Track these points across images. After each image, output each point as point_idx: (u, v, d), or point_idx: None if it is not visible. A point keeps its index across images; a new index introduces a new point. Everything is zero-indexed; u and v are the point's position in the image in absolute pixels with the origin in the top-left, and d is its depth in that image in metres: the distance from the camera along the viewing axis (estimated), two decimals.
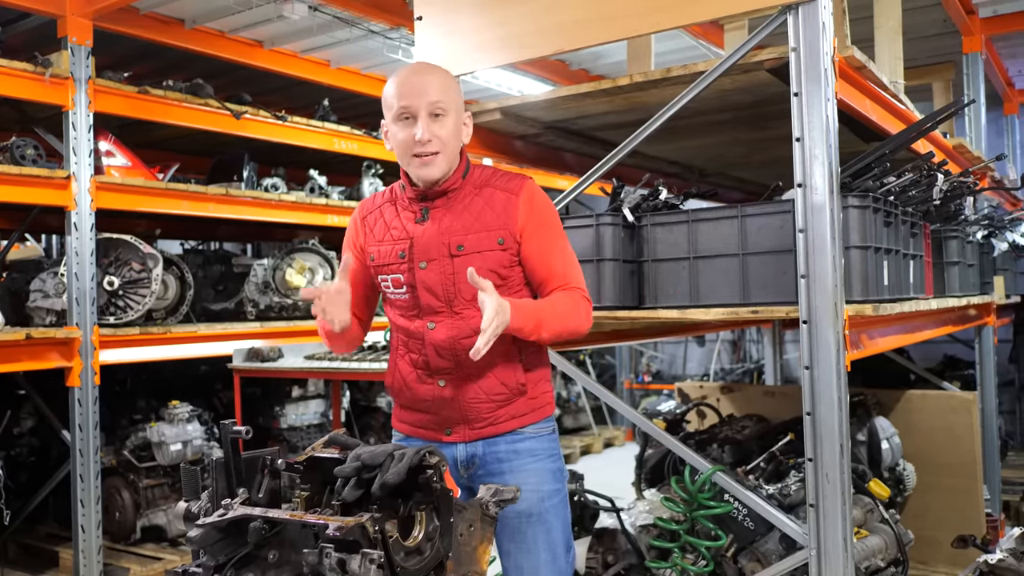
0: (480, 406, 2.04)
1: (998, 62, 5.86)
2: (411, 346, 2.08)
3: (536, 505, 2.05)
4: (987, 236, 4.30)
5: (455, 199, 2.04)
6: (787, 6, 2.26)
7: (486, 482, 2.07)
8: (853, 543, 2.32)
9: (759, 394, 4.41)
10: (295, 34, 4.80)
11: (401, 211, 2.08)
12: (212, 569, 1.64)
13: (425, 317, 2.03)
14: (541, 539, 2.05)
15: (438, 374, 2.05)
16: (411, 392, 2.09)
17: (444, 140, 1.99)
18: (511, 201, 2.02)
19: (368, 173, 5.73)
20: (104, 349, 4.15)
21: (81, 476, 4.05)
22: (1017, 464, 6.11)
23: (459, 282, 1.99)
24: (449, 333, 2.01)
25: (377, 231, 2.10)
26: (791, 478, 3.00)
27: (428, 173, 1.99)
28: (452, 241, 2.00)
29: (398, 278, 2.05)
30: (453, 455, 2.08)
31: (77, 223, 4.04)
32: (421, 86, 1.98)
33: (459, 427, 2.07)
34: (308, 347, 4.97)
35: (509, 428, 2.07)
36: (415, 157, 1.99)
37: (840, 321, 2.25)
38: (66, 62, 3.97)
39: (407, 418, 2.15)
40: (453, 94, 2.03)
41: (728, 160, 4.10)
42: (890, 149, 2.58)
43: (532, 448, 2.08)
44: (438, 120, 1.98)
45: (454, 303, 2.01)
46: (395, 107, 2.00)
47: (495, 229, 2.01)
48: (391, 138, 2.05)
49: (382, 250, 2.08)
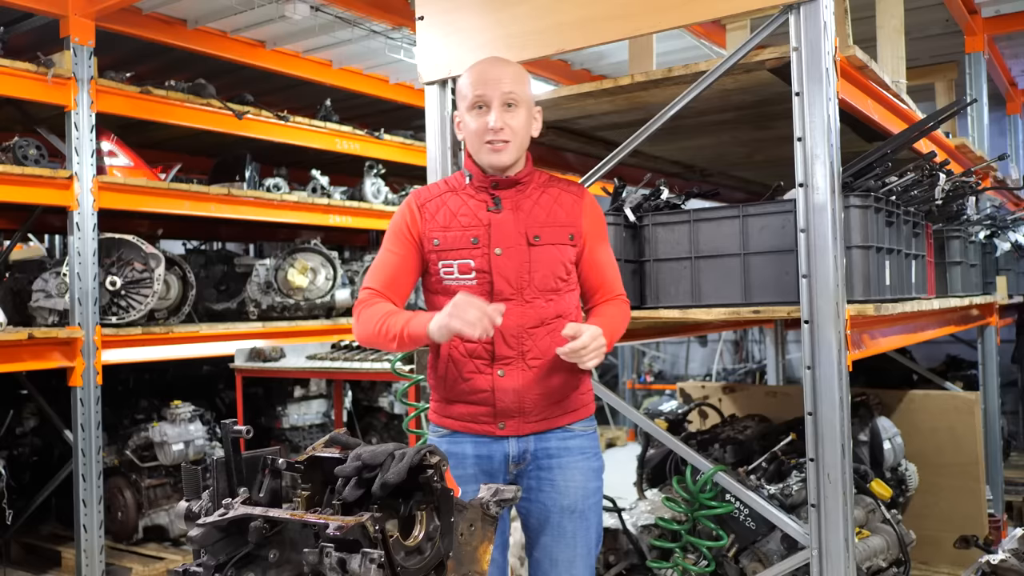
0: (539, 398, 2.07)
1: (1001, 62, 5.85)
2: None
3: (581, 502, 2.11)
4: (989, 236, 4.29)
5: (524, 192, 2.11)
6: (788, 6, 2.26)
7: (536, 479, 2.12)
8: (855, 543, 2.32)
9: (761, 394, 4.40)
10: (297, 34, 4.81)
11: (468, 199, 2.12)
12: (213, 568, 1.64)
13: (494, 303, 2.05)
14: (580, 534, 2.11)
15: (499, 363, 2.06)
16: (466, 383, 2.09)
17: (515, 129, 2.05)
18: (576, 203, 2.13)
19: (370, 173, 5.74)
20: (106, 349, 4.15)
21: (83, 476, 4.06)
22: (1020, 464, 6.10)
23: (533, 271, 2.06)
24: (518, 320, 2.04)
25: (441, 218, 2.11)
26: (793, 478, 3.00)
27: (498, 160, 2.05)
28: (530, 231, 2.07)
29: (468, 263, 2.07)
30: (504, 450, 2.10)
31: (79, 223, 4.04)
32: (496, 77, 2.05)
33: (513, 420, 2.08)
34: (310, 347, 4.98)
35: (561, 424, 2.12)
36: (486, 144, 2.05)
37: (842, 321, 2.24)
38: (68, 62, 3.98)
39: (455, 412, 2.13)
40: (525, 87, 2.09)
41: (730, 160, 4.10)
42: (892, 149, 2.58)
43: (582, 445, 2.14)
44: (510, 110, 2.05)
45: (525, 291, 2.06)
46: (469, 96, 2.06)
47: (566, 226, 2.10)
48: (463, 127, 2.12)
49: (449, 236, 2.09)
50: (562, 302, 2.10)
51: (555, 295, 2.08)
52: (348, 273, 5.69)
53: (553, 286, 2.07)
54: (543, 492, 2.11)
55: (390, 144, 5.65)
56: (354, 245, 7.18)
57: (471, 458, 2.11)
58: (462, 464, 2.11)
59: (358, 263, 5.88)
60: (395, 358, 3.90)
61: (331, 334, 5.29)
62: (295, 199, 5.12)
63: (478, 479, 2.09)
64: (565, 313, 2.11)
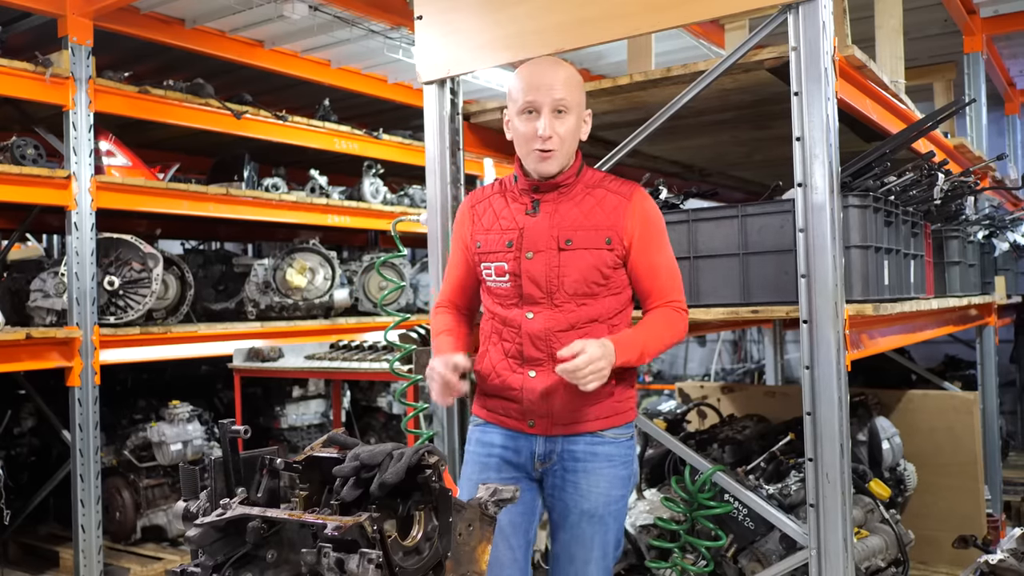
0: (568, 401, 2.07)
1: (999, 62, 5.85)
2: (506, 335, 2.12)
3: (601, 508, 2.10)
4: (988, 236, 4.29)
5: (566, 195, 2.09)
6: (787, 5, 2.26)
7: (561, 478, 2.12)
8: (853, 543, 2.32)
9: (760, 394, 4.41)
10: (296, 34, 4.80)
11: (511, 202, 2.13)
12: (211, 568, 1.64)
13: (524, 307, 2.08)
14: (598, 538, 2.11)
15: (530, 364, 2.08)
16: (501, 380, 2.12)
17: (563, 137, 2.04)
18: (622, 204, 2.07)
19: (369, 173, 5.73)
20: (104, 349, 4.14)
21: (81, 476, 4.05)
22: (1018, 464, 6.11)
23: (563, 275, 2.05)
24: (546, 324, 2.06)
25: (486, 220, 2.15)
26: (791, 478, 3.00)
27: (545, 168, 2.05)
28: (561, 235, 2.06)
29: (502, 266, 2.10)
30: (532, 447, 2.12)
31: (78, 223, 4.04)
32: (548, 82, 2.03)
33: (542, 420, 2.10)
34: (308, 347, 4.97)
35: (591, 429, 2.10)
36: (535, 151, 2.04)
37: (840, 321, 2.24)
38: (67, 62, 3.97)
39: (491, 405, 2.18)
40: (577, 92, 2.07)
41: (729, 159, 4.10)
42: (890, 148, 2.58)
43: (609, 453, 2.11)
44: (560, 117, 2.03)
45: (555, 295, 2.06)
46: (520, 101, 2.05)
47: (603, 229, 2.05)
48: (512, 129, 2.10)
49: (489, 238, 2.13)
50: (597, 306, 2.06)
51: (589, 299, 2.06)
52: (347, 273, 5.69)
53: (586, 291, 2.05)
54: (566, 492, 2.11)
55: (389, 144, 5.64)
56: (352, 245, 7.18)
57: (498, 447, 2.15)
58: (489, 453, 2.16)
59: (356, 263, 5.87)
60: (394, 358, 3.89)
61: (330, 334, 5.28)
62: (294, 199, 5.11)
63: (501, 469, 2.13)
64: (601, 317, 2.07)
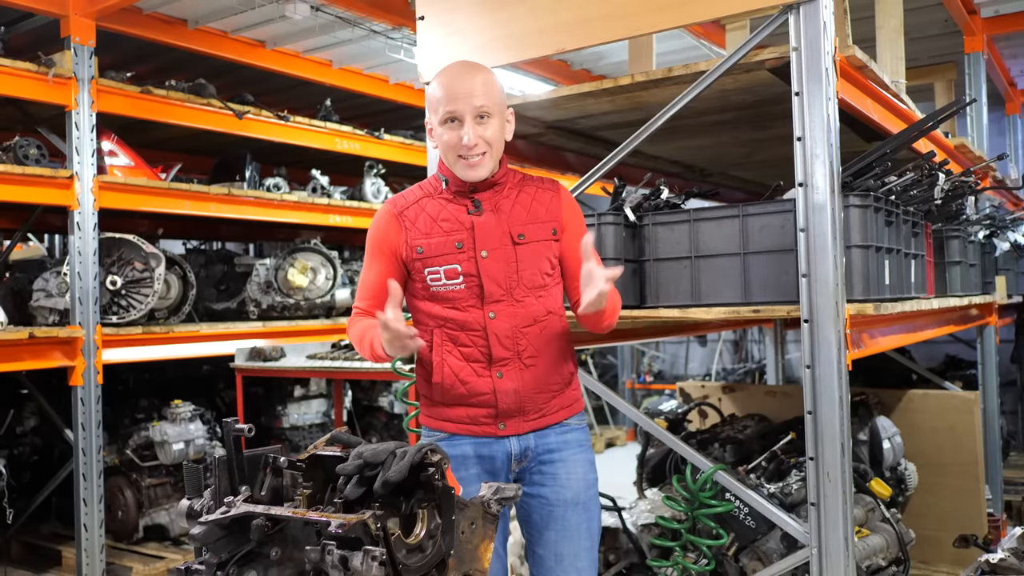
0: (537, 396, 2.09)
1: (1000, 62, 5.86)
2: (464, 339, 2.07)
3: (583, 493, 2.13)
4: (989, 236, 4.29)
5: (501, 193, 2.10)
6: (788, 6, 2.26)
7: (539, 474, 2.13)
8: (854, 542, 2.32)
9: (761, 394, 4.41)
10: (297, 34, 4.81)
11: (446, 204, 2.10)
12: (215, 566, 1.65)
13: (486, 306, 2.05)
14: (584, 526, 2.13)
15: (497, 365, 2.06)
16: (466, 387, 2.08)
17: (489, 141, 2.03)
18: (554, 198, 2.13)
19: (370, 173, 5.74)
20: (107, 348, 4.16)
21: (84, 475, 4.07)
22: (1018, 464, 6.11)
23: (521, 270, 2.06)
24: (511, 321, 2.05)
25: (421, 224, 2.09)
26: (792, 477, 3.01)
27: (475, 174, 2.05)
28: (514, 230, 2.07)
29: (454, 268, 2.05)
30: (506, 450, 2.11)
31: (80, 223, 4.05)
32: (466, 91, 2.01)
33: (514, 419, 2.09)
34: (310, 347, 4.98)
35: (559, 419, 2.13)
36: (461, 159, 2.03)
37: (841, 320, 2.25)
38: (69, 62, 3.99)
39: (453, 415, 2.12)
40: (497, 94, 2.06)
41: (729, 159, 4.10)
42: (891, 148, 2.58)
43: (579, 439, 2.16)
44: (483, 123, 2.02)
45: (515, 291, 2.06)
46: (440, 111, 2.04)
47: (547, 221, 2.10)
48: (436, 137, 2.09)
49: (432, 242, 2.07)
50: (550, 298, 2.11)
51: (543, 291, 2.09)
52: (348, 273, 5.70)
53: (541, 282, 2.08)
54: (545, 487, 2.12)
55: (390, 144, 5.66)
56: (353, 245, 7.19)
57: (473, 459, 2.12)
58: (464, 465, 2.11)
59: (358, 263, 5.89)
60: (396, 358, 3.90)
61: (331, 334, 5.29)
62: (295, 199, 5.12)
63: (480, 479, 2.09)
64: (555, 309, 2.12)
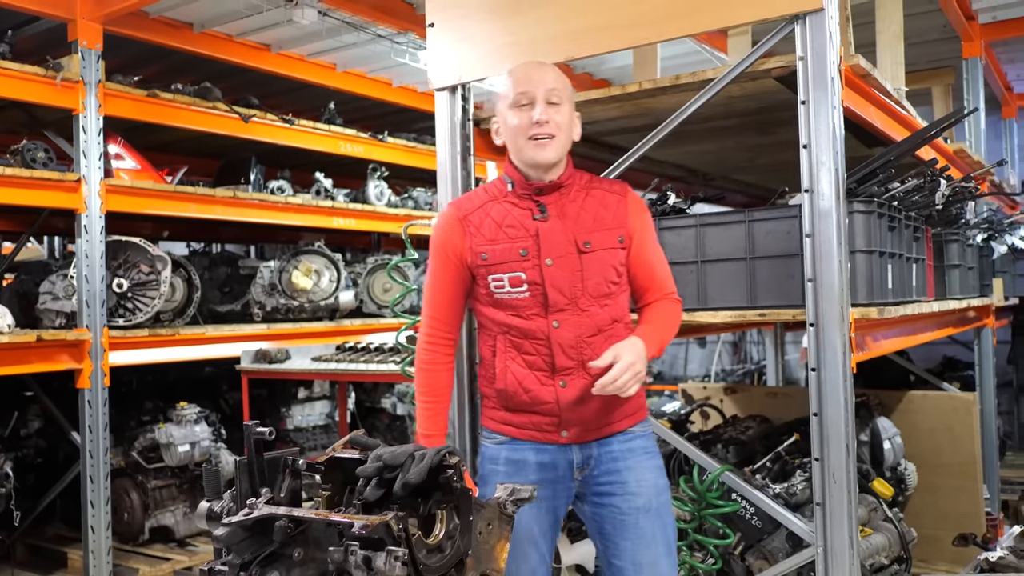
0: (600, 406, 2.04)
1: (997, 67, 5.92)
2: (528, 347, 2.04)
3: (654, 499, 2.09)
4: (987, 239, 4.35)
5: (567, 196, 2.06)
6: (795, 16, 2.30)
7: (606, 483, 2.09)
8: (859, 541, 2.36)
9: (762, 395, 4.45)
10: (303, 38, 4.84)
11: (511, 208, 2.07)
12: (238, 567, 1.68)
13: (550, 315, 2.02)
14: (659, 533, 2.08)
15: (560, 374, 2.03)
16: (530, 395, 2.05)
17: (559, 125, 2.01)
18: (621, 203, 2.08)
19: (374, 176, 5.77)
20: (113, 351, 4.18)
21: (91, 477, 4.08)
22: (1015, 464, 6.18)
23: (586, 278, 2.02)
24: (575, 331, 2.01)
25: (486, 230, 2.06)
26: (796, 477, 3.05)
27: (543, 155, 2.00)
28: (579, 238, 2.02)
29: (519, 276, 2.03)
30: (568, 457, 2.08)
31: (87, 226, 4.07)
32: (539, 75, 2.03)
33: (576, 429, 2.06)
34: (314, 348, 5.01)
35: (622, 428, 2.10)
36: (530, 140, 2.00)
37: (846, 324, 2.29)
38: (77, 66, 4.01)
39: (516, 420, 2.10)
40: (568, 87, 2.07)
41: (733, 164, 4.14)
42: (895, 156, 2.63)
43: (644, 445, 2.12)
44: (554, 107, 2.01)
45: (580, 300, 2.02)
46: (512, 94, 2.03)
47: (614, 228, 2.05)
48: (503, 127, 2.07)
49: (497, 248, 2.04)
50: (616, 306, 2.06)
51: (609, 300, 2.04)
52: (351, 275, 5.73)
53: (606, 291, 2.04)
54: (616, 495, 2.07)
55: (393, 147, 5.69)
56: (356, 247, 7.22)
57: (533, 465, 2.09)
58: (524, 471, 2.09)
59: (361, 265, 5.91)
60: (403, 360, 3.94)
61: (335, 336, 5.32)
62: (300, 201, 5.15)
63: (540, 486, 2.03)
64: (620, 317, 2.07)
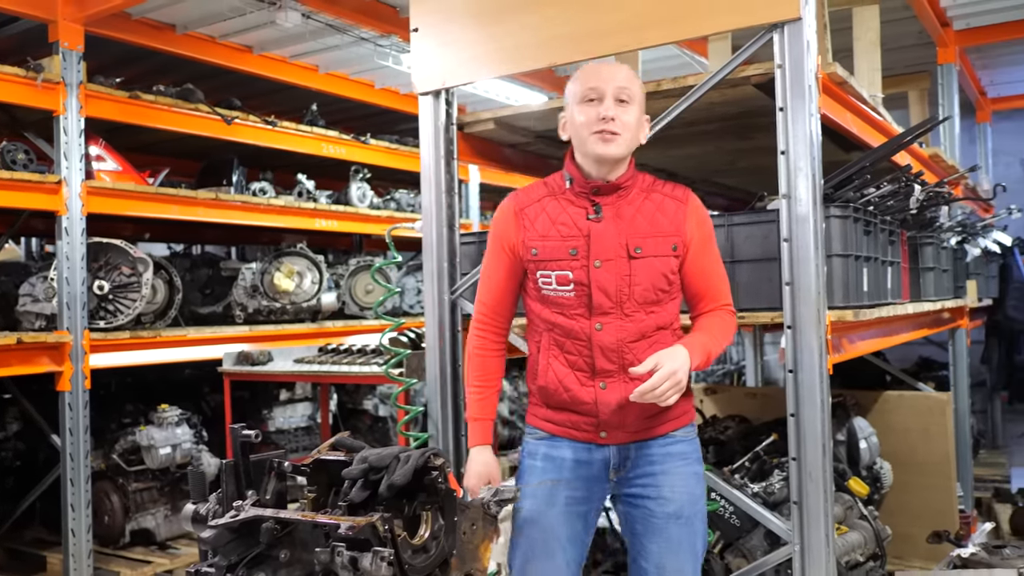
0: (640, 411, 2.02)
1: (971, 72, 6.03)
2: (570, 347, 2.04)
3: (687, 508, 2.07)
4: (960, 242, 4.43)
5: (625, 198, 2.03)
6: (773, 25, 2.35)
7: (640, 486, 2.08)
8: (835, 539, 2.41)
9: (741, 395, 4.51)
10: (285, 40, 4.84)
11: (567, 206, 2.05)
12: (224, 568, 1.70)
13: (593, 317, 2.00)
14: (686, 541, 2.07)
15: (600, 376, 2.02)
16: (570, 394, 2.05)
17: (626, 124, 1.98)
18: (680, 209, 2.05)
19: (356, 177, 5.78)
20: (94, 353, 4.15)
21: (71, 480, 4.06)
22: (988, 462, 6.29)
23: (634, 284, 1.99)
24: (618, 335, 2.00)
25: (540, 225, 2.05)
26: (775, 477, 3.10)
27: (607, 150, 1.97)
28: (631, 243, 2.00)
29: (566, 275, 2.01)
30: (605, 457, 2.07)
31: (68, 228, 4.05)
32: (610, 72, 2.00)
33: (615, 431, 2.05)
34: (297, 350, 5.00)
35: (663, 432, 2.08)
36: (594, 134, 1.97)
37: (823, 326, 2.34)
38: (58, 67, 3.99)
39: (556, 418, 2.10)
40: (639, 88, 2.04)
41: (712, 167, 4.20)
42: (871, 162, 2.68)
43: (683, 451, 2.10)
44: (623, 105, 1.98)
45: (625, 305, 2.00)
46: (581, 90, 2.00)
47: (670, 235, 2.02)
48: (570, 122, 2.05)
49: (548, 245, 2.03)
50: (663, 313, 2.04)
51: (656, 307, 2.02)
52: (334, 277, 5.73)
53: (654, 298, 2.01)
54: (649, 498, 2.07)
55: (376, 148, 5.69)
56: (338, 249, 7.22)
57: (570, 462, 2.09)
58: (560, 468, 2.09)
59: (343, 267, 5.91)
60: (386, 362, 3.95)
61: (318, 337, 5.32)
62: (282, 203, 5.14)
63: (573, 485, 2.07)
64: (666, 324, 2.05)
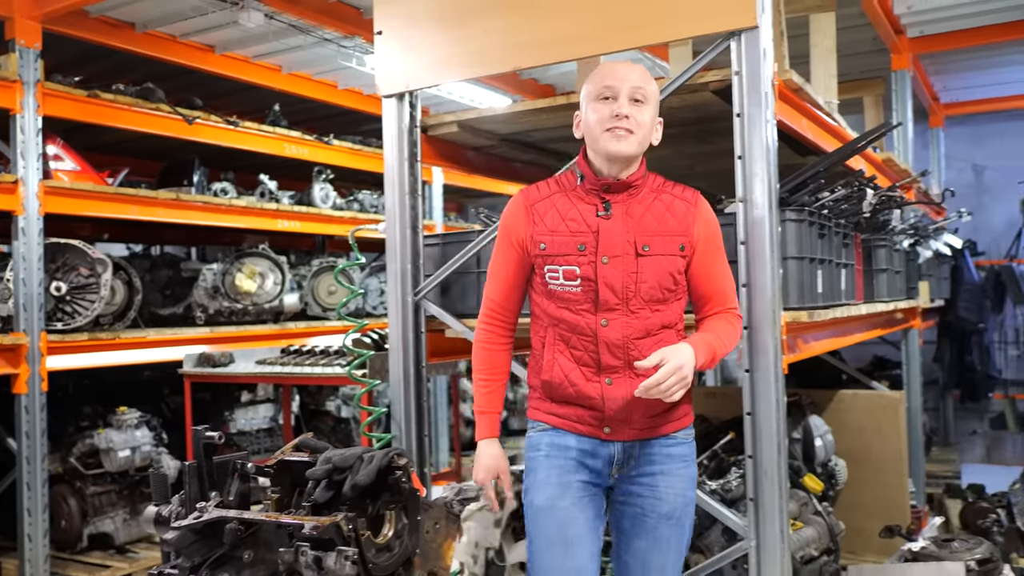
0: (645, 408, 2.04)
1: (924, 78, 6.19)
2: (576, 343, 2.05)
3: (679, 509, 2.11)
4: (913, 244, 4.56)
5: (636, 197, 2.05)
6: (731, 33, 2.41)
7: (637, 483, 2.10)
8: (789, 534, 2.48)
9: (701, 395, 4.58)
10: (247, 40, 4.80)
11: (577, 202, 2.06)
12: (188, 570, 1.70)
13: (599, 313, 2.02)
14: (675, 541, 2.11)
15: (606, 372, 2.03)
16: (576, 389, 2.06)
17: (640, 123, 2.00)
18: (689, 211, 2.07)
19: (319, 178, 5.75)
20: (52, 355, 4.09)
21: (28, 484, 3.99)
22: (940, 459, 6.48)
23: (640, 281, 2.01)
24: (623, 332, 2.01)
25: (549, 220, 2.07)
26: (732, 474, 3.17)
27: (619, 147, 1.98)
28: (639, 240, 2.01)
29: (573, 270, 2.03)
30: (609, 453, 2.08)
31: (24, 228, 3.98)
32: (625, 71, 2.01)
33: (620, 427, 2.06)
34: (259, 352, 4.96)
35: (666, 432, 2.10)
36: (608, 131, 1.98)
37: (778, 327, 2.40)
38: (14, 65, 3.92)
39: (561, 411, 2.11)
40: (653, 89, 2.05)
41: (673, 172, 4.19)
42: (825, 167, 2.76)
43: (683, 453, 2.13)
44: (637, 105, 2.00)
45: (631, 301, 2.01)
46: (596, 88, 2.02)
47: (677, 235, 2.04)
48: (584, 120, 2.06)
49: (556, 240, 2.05)
50: (669, 312, 2.06)
51: (662, 305, 2.04)
52: (296, 278, 5.70)
53: (660, 296, 2.03)
54: (643, 497, 2.10)
55: (339, 149, 5.67)
56: (300, 249, 7.17)
57: (574, 449, 2.10)
58: (565, 453, 2.09)
59: (306, 267, 5.88)
60: (349, 363, 3.95)
61: (280, 338, 5.29)
62: (244, 204, 5.10)
63: (579, 471, 2.09)
64: (671, 323, 2.07)
